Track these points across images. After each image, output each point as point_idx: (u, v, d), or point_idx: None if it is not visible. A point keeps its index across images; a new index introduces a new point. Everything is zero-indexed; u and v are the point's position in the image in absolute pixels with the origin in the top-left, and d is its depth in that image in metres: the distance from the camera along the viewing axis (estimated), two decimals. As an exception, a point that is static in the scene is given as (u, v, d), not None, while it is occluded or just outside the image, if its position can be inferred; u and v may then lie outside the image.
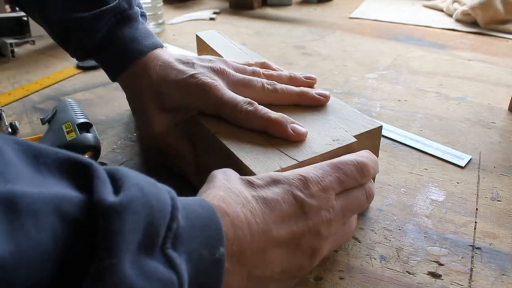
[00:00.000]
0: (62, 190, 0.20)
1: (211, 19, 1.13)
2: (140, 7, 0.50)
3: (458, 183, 0.49)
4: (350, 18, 1.13)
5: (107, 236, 0.19)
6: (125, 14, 0.45)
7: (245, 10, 1.21)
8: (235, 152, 0.36)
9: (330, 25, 1.07)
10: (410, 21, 1.08)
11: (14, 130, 0.59)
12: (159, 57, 0.44)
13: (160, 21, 1.01)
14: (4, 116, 0.61)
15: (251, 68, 0.47)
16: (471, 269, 0.38)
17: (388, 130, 0.58)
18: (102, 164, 0.52)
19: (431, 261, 0.39)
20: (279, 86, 0.44)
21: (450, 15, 1.10)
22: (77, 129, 0.51)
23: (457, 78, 0.75)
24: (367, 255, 0.39)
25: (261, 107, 0.40)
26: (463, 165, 0.51)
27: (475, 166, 0.51)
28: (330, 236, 0.31)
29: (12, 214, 0.17)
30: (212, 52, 0.59)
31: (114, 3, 0.44)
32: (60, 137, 0.50)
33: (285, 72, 0.48)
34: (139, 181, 0.23)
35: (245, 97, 0.41)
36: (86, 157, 0.22)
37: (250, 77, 0.44)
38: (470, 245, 0.40)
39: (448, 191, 0.47)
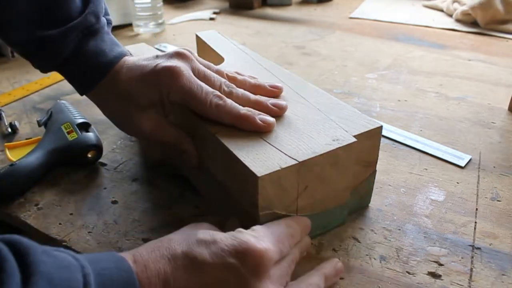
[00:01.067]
0: None
1: (211, 19, 1.13)
2: (107, 14, 0.48)
3: (458, 183, 0.49)
4: (350, 18, 1.13)
5: None
6: (92, 29, 0.44)
7: (245, 10, 1.21)
8: (235, 152, 0.36)
9: (330, 25, 1.07)
10: (410, 21, 1.08)
11: (14, 130, 0.59)
12: (125, 62, 0.44)
13: (160, 21, 1.01)
14: (4, 116, 0.61)
15: (216, 67, 0.46)
16: (471, 269, 0.38)
17: (388, 130, 0.58)
18: (102, 164, 0.52)
19: (431, 261, 0.38)
20: (236, 90, 0.42)
21: (450, 15, 1.10)
22: (77, 129, 0.51)
23: (457, 78, 0.75)
24: (367, 255, 0.39)
25: (229, 102, 0.40)
26: (463, 165, 0.51)
27: (475, 166, 0.51)
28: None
29: None
30: (212, 52, 0.59)
31: (81, 18, 0.42)
32: (61, 138, 0.50)
33: (252, 80, 0.46)
34: (48, 270, 0.23)
35: None
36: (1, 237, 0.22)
37: (211, 73, 0.43)
38: (470, 245, 0.40)
39: (448, 191, 0.47)
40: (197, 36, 0.65)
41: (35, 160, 0.48)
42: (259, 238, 0.31)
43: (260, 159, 0.35)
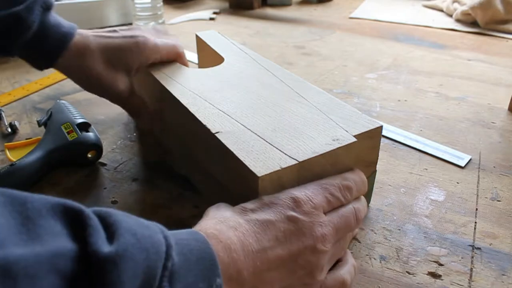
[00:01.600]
0: (56, 244, 0.20)
1: (211, 19, 1.13)
2: None
3: (458, 183, 0.49)
4: (350, 18, 1.13)
5: None
6: (48, 4, 0.47)
7: (245, 10, 1.21)
8: (235, 152, 0.36)
9: (330, 25, 1.07)
10: (410, 21, 1.08)
11: (14, 130, 0.59)
12: (85, 33, 0.49)
13: (160, 21, 1.01)
14: (4, 116, 0.61)
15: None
16: (471, 269, 0.38)
17: (388, 130, 0.58)
18: (102, 164, 0.52)
19: (431, 261, 0.38)
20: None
21: (450, 15, 1.10)
22: (77, 129, 0.51)
23: (457, 78, 0.75)
24: (367, 255, 0.39)
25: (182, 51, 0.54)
26: (463, 165, 0.51)
27: (475, 166, 0.51)
28: (327, 251, 0.32)
29: (9, 280, 0.17)
30: (212, 52, 0.59)
31: None
32: (61, 137, 0.50)
33: None
34: (131, 226, 0.23)
35: None
36: (75, 203, 0.22)
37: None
38: (470, 245, 0.40)
39: (448, 191, 0.47)
40: (197, 36, 0.65)
41: (35, 160, 0.48)
42: (302, 188, 0.33)
43: (260, 159, 0.35)
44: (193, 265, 0.25)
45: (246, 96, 0.45)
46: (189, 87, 0.47)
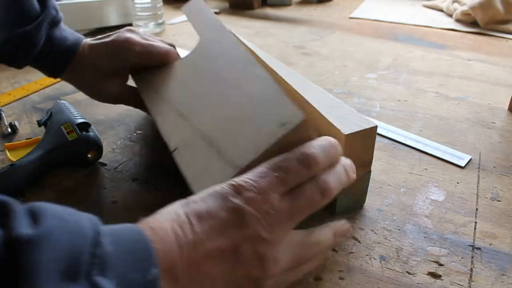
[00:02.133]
0: None
1: (211, 19, 1.12)
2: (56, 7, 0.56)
3: (458, 183, 0.49)
4: (350, 18, 1.13)
5: (27, 270, 0.20)
6: (55, 20, 0.52)
7: (245, 10, 1.21)
8: (185, 174, 0.36)
9: (330, 25, 1.07)
10: (410, 21, 1.08)
11: (14, 130, 0.59)
12: (86, 43, 0.53)
13: (160, 21, 1.01)
14: (4, 116, 0.61)
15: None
16: (471, 269, 0.38)
17: (388, 130, 0.58)
18: (102, 164, 0.52)
19: (431, 261, 0.38)
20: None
21: (450, 15, 1.10)
22: (77, 129, 0.51)
23: (457, 78, 0.75)
24: (367, 255, 0.39)
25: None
26: (463, 165, 0.51)
27: (475, 166, 0.51)
28: (277, 239, 0.29)
29: None
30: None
31: (46, 12, 0.50)
32: (60, 137, 0.50)
33: None
34: (57, 211, 0.23)
35: None
36: (4, 196, 0.23)
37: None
38: (470, 245, 0.40)
39: (448, 191, 0.47)
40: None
41: (35, 160, 0.48)
42: (248, 173, 0.30)
43: (206, 177, 0.35)
44: (127, 255, 0.24)
45: (202, 89, 0.42)
46: (157, 87, 0.47)
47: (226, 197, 0.29)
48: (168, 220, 0.28)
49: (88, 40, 0.54)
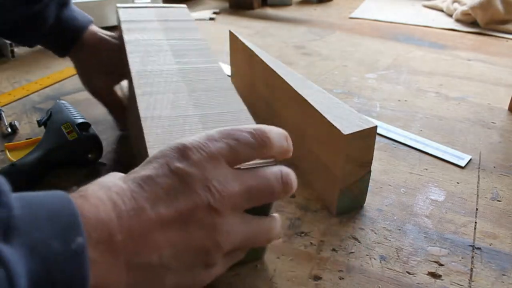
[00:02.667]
0: None
1: (211, 19, 1.13)
2: None
3: (458, 183, 0.49)
4: (350, 18, 1.13)
5: None
6: (65, 0, 0.53)
7: (245, 10, 1.21)
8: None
9: (330, 25, 1.07)
10: (410, 21, 1.08)
11: (14, 130, 0.59)
12: (95, 31, 0.55)
13: (160, 21, 1.01)
14: (4, 116, 0.61)
15: None
16: (471, 269, 0.38)
17: (388, 130, 0.58)
18: (102, 164, 0.52)
19: (431, 261, 0.38)
20: None
21: (450, 15, 1.10)
22: (77, 129, 0.51)
23: (457, 78, 0.75)
24: (367, 255, 0.39)
25: None
26: (463, 165, 0.51)
27: (475, 166, 0.51)
28: (228, 211, 0.26)
29: None
30: (243, 46, 0.61)
31: None
32: (60, 137, 0.50)
33: None
34: None
35: None
36: None
37: None
38: (470, 245, 0.40)
39: (448, 191, 0.47)
40: (230, 33, 0.66)
41: (35, 160, 0.48)
42: (196, 135, 0.28)
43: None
44: (44, 221, 0.21)
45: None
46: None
47: (169, 161, 0.26)
48: (104, 188, 0.25)
49: (97, 29, 0.55)
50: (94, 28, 0.56)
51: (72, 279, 0.21)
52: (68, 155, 0.50)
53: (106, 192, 0.25)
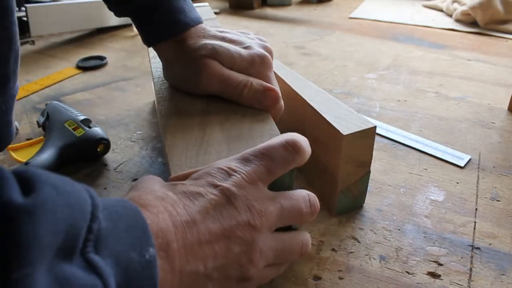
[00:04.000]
0: None
1: (211, 19, 1.13)
2: None
3: (457, 183, 0.49)
4: (350, 18, 1.13)
5: (21, 242, 0.17)
6: None
7: (245, 10, 1.21)
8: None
9: (330, 25, 1.07)
10: (410, 21, 1.08)
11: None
12: (200, 35, 0.44)
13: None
14: (4, 116, 0.61)
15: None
16: (471, 269, 0.38)
17: (388, 130, 0.58)
18: (103, 164, 0.52)
19: (430, 261, 0.39)
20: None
21: (450, 15, 1.10)
22: (82, 125, 0.52)
23: (457, 78, 0.75)
24: (366, 255, 0.39)
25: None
26: (462, 165, 0.51)
27: (475, 166, 0.51)
28: (265, 229, 0.29)
29: None
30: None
31: None
32: (68, 135, 0.51)
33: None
34: (52, 180, 0.20)
35: None
36: None
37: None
38: (469, 245, 0.40)
39: (448, 191, 0.47)
40: None
41: (49, 158, 0.48)
42: (233, 158, 0.31)
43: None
44: (123, 232, 0.23)
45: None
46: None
47: (215, 180, 0.29)
48: (157, 198, 0.27)
49: (200, 32, 0.44)
50: (199, 30, 0.45)
51: (146, 286, 0.23)
52: (79, 151, 0.51)
53: (161, 203, 0.27)
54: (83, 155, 0.52)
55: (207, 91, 0.42)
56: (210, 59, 0.42)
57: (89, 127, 0.53)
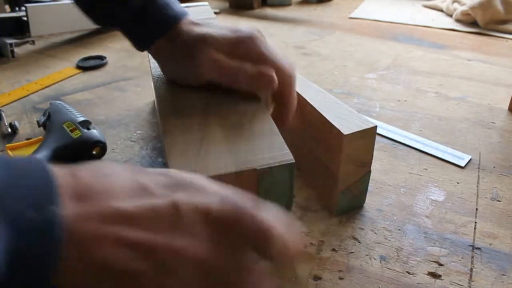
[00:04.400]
0: None
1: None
2: None
3: (458, 183, 0.49)
4: (350, 18, 1.13)
5: None
6: None
7: (245, 10, 1.21)
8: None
9: (330, 25, 1.07)
10: (410, 21, 1.08)
11: (14, 130, 0.59)
12: (189, 26, 0.45)
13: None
14: (3, 116, 0.61)
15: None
16: (471, 269, 0.38)
17: (388, 130, 0.58)
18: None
19: (431, 261, 0.38)
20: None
21: (450, 15, 1.10)
22: (80, 127, 0.52)
23: (457, 78, 0.75)
24: (366, 255, 0.39)
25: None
26: (463, 165, 0.51)
27: (475, 166, 0.51)
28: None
29: None
30: None
31: None
32: (65, 136, 0.51)
33: None
34: None
35: None
36: None
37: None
38: (470, 245, 0.40)
39: (448, 191, 0.47)
40: None
41: (45, 159, 0.48)
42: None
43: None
44: (20, 188, 0.20)
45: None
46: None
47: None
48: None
49: (189, 23, 0.45)
50: (189, 22, 0.45)
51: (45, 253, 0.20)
52: (74, 153, 0.51)
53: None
54: (79, 157, 0.51)
55: (206, 78, 0.43)
56: (205, 46, 0.42)
57: (88, 129, 0.52)
